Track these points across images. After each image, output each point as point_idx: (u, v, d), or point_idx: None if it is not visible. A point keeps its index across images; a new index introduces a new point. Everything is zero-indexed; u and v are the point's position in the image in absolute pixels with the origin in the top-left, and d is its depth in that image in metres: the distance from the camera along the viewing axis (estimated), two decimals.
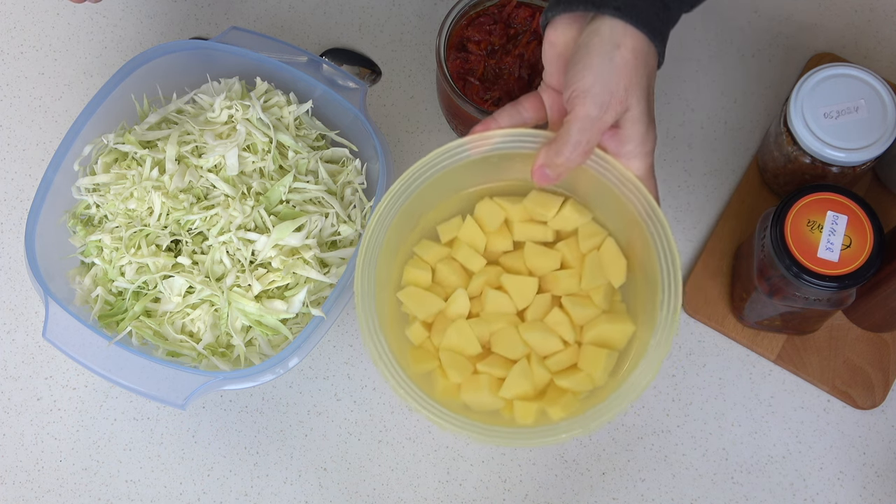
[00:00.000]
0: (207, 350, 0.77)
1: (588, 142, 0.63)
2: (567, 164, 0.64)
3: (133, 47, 0.96)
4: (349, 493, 0.82)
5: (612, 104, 0.62)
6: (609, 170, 0.67)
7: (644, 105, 0.63)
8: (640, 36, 0.62)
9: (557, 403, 0.68)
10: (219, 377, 0.74)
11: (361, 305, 0.67)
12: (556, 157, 0.64)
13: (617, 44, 0.61)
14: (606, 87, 0.62)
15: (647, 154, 0.65)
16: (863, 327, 0.83)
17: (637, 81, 0.62)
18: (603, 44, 0.61)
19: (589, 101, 0.62)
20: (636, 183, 0.66)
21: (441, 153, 0.69)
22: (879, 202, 0.85)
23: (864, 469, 0.81)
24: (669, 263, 0.66)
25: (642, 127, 0.64)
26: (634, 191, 0.66)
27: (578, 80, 0.62)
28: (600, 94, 0.62)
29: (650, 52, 0.63)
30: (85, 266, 0.81)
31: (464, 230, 0.73)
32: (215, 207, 0.78)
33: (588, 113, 0.62)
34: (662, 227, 0.66)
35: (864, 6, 0.93)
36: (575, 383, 0.68)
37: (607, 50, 0.61)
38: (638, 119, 0.63)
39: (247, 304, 0.76)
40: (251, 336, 0.78)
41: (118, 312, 0.79)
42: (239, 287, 0.77)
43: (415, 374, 0.68)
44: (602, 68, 0.62)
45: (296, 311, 0.77)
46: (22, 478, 0.84)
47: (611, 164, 0.67)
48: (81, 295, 0.79)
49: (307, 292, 0.77)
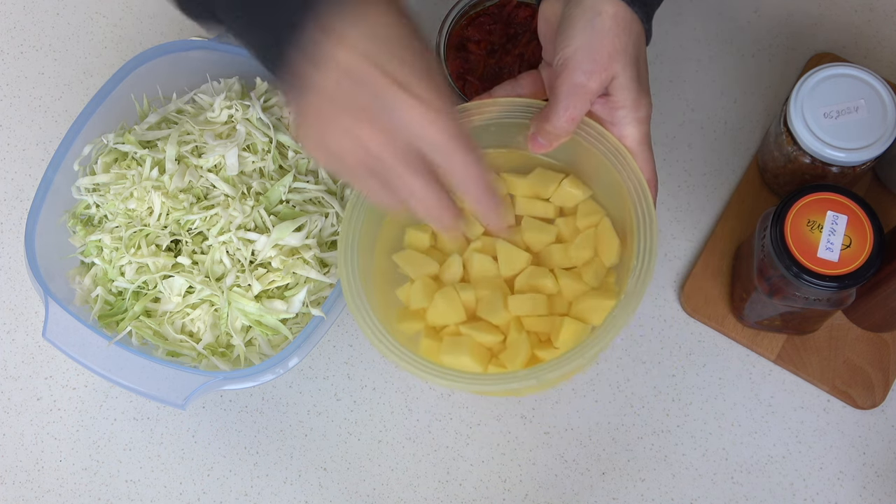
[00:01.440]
0: (207, 350, 0.77)
1: (575, 107, 0.64)
2: (556, 131, 0.65)
3: (133, 47, 0.96)
4: (349, 493, 0.82)
5: (595, 70, 0.63)
6: (602, 142, 0.67)
7: (632, 71, 0.63)
8: (620, 3, 0.62)
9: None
10: (219, 377, 0.74)
11: (343, 260, 0.69)
12: (545, 124, 0.65)
13: (598, 11, 0.62)
14: (588, 54, 0.62)
15: (641, 121, 0.66)
16: (863, 327, 0.83)
17: (621, 48, 0.62)
18: (584, 12, 0.62)
19: (572, 68, 0.63)
20: (626, 154, 0.67)
21: None
22: (879, 202, 0.85)
23: (864, 469, 0.81)
24: (647, 230, 0.66)
25: (632, 93, 0.64)
26: (624, 163, 0.67)
27: (562, 49, 0.63)
28: (583, 61, 0.62)
29: (632, 19, 0.63)
30: (85, 266, 0.81)
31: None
32: (215, 207, 0.78)
33: (573, 80, 0.63)
34: (645, 197, 0.66)
35: (864, 6, 0.93)
36: (549, 354, 0.70)
37: (588, 18, 0.62)
38: (626, 86, 0.64)
39: (247, 303, 0.76)
40: (251, 336, 0.78)
41: (118, 312, 0.79)
42: (239, 287, 0.77)
43: (400, 334, 0.70)
44: (583, 36, 0.62)
45: (296, 311, 0.77)
46: (22, 478, 0.84)
47: (604, 137, 0.67)
48: (81, 295, 0.80)
49: (307, 292, 0.77)
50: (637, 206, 0.67)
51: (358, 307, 0.69)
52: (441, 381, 0.67)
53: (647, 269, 0.66)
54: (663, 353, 0.84)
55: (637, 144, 0.66)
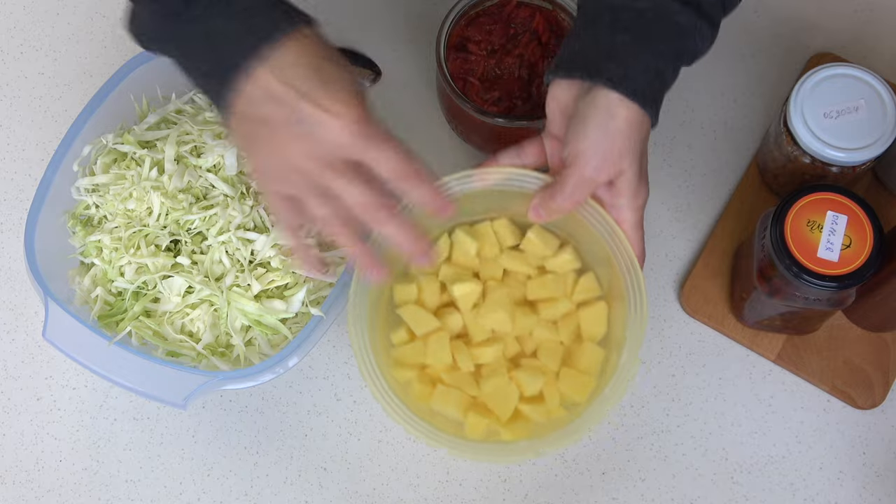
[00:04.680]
0: (207, 350, 0.77)
1: (581, 195, 0.70)
2: (559, 209, 0.71)
3: (133, 47, 0.95)
4: (349, 493, 0.82)
5: (605, 167, 0.68)
6: (602, 222, 0.73)
7: (636, 167, 0.69)
8: (634, 106, 0.66)
9: (511, 427, 0.74)
10: (219, 377, 0.74)
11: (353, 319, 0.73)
12: (550, 202, 0.71)
13: (612, 115, 0.66)
14: (601, 153, 0.67)
15: (637, 208, 0.71)
16: (863, 327, 0.83)
17: (631, 147, 0.68)
18: (598, 115, 0.67)
19: (585, 163, 0.68)
20: (624, 241, 0.72)
21: (449, 180, 0.74)
22: (879, 202, 0.85)
23: (864, 469, 0.81)
24: (639, 315, 0.72)
25: (634, 185, 0.70)
26: (618, 242, 0.73)
27: (577, 143, 0.68)
28: (595, 158, 0.68)
29: (643, 120, 0.68)
30: (85, 266, 0.81)
31: (456, 249, 0.79)
32: (214, 207, 0.78)
33: (583, 173, 0.68)
34: (637, 276, 0.72)
35: (864, 6, 0.93)
36: (535, 412, 0.74)
37: (603, 120, 0.67)
38: (630, 179, 0.69)
39: (246, 303, 0.76)
40: (251, 336, 0.78)
41: (118, 312, 0.79)
42: (238, 287, 0.77)
43: (393, 378, 0.74)
44: (598, 136, 0.67)
45: (295, 310, 0.77)
46: (22, 478, 0.84)
47: (604, 219, 0.73)
48: (81, 295, 0.80)
49: (307, 292, 0.77)
50: (628, 284, 0.73)
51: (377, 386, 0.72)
52: (457, 452, 0.71)
53: (631, 368, 0.71)
54: (663, 352, 0.84)
55: (631, 228, 0.72)
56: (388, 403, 0.71)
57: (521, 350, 0.77)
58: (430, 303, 0.78)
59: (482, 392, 0.76)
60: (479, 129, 0.84)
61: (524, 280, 0.78)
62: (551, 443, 0.71)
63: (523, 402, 0.75)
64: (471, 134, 0.86)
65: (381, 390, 0.71)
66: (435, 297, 0.78)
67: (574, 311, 0.78)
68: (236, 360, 0.78)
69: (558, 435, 0.71)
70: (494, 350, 0.76)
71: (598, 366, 0.76)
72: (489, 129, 0.82)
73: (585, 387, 0.75)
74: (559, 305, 0.77)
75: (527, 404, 0.75)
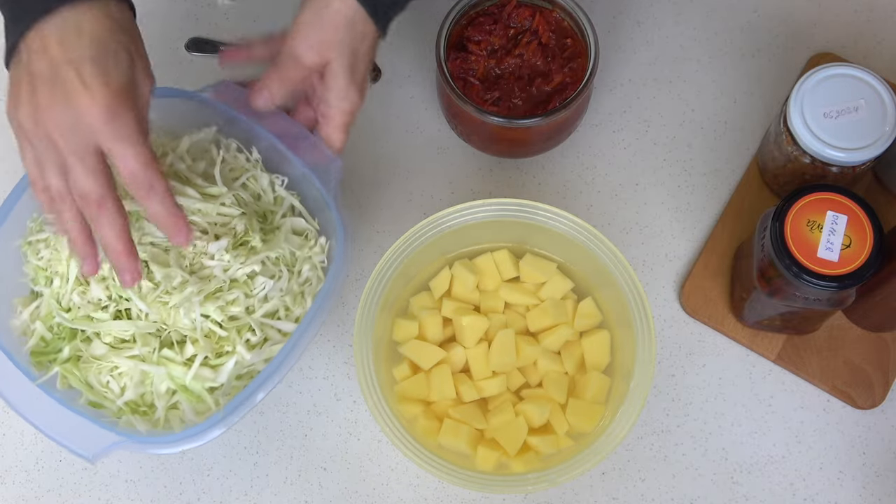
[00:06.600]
0: (128, 407, 0.74)
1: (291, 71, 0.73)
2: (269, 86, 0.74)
3: None
4: (349, 493, 0.82)
5: (311, 51, 0.71)
6: (602, 248, 0.77)
7: (346, 64, 0.72)
8: (351, 1, 0.70)
9: (520, 459, 0.76)
10: (132, 439, 0.71)
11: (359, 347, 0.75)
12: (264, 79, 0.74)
13: (327, 4, 0.70)
14: (311, 36, 0.71)
15: (345, 112, 0.74)
16: (863, 327, 0.83)
17: (340, 40, 0.71)
18: (315, 2, 0.71)
19: (292, 38, 0.72)
20: (626, 264, 0.75)
21: (426, 224, 0.77)
22: (879, 202, 0.85)
23: (864, 469, 0.81)
24: (646, 341, 0.75)
25: (342, 82, 0.72)
26: (625, 273, 0.76)
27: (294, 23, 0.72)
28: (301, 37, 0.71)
29: (361, 20, 0.71)
30: (33, 295, 0.78)
31: (456, 283, 0.80)
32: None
33: (290, 49, 0.72)
34: (645, 307, 0.75)
35: (864, 6, 0.93)
36: (543, 444, 0.76)
37: (317, 6, 0.71)
38: (337, 73, 0.72)
39: (174, 367, 0.73)
40: (176, 399, 0.74)
41: (52, 351, 0.75)
42: (169, 349, 0.74)
43: (399, 412, 0.76)
44: (309, 18, 0.71)
45: (222, 381, 0.74)
46: (22, 478, 0.84)
47: (603, 243, 0.76)
48: (20, 326, 0.76)
49: (235, 365, 0.74)
50: (633, 309, 0.76)
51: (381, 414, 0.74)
52: (463, 484, 0.73)
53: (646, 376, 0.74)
54: (663, 352, 0.84)
55: (335, 129, 0.74)
56: (404, 445, 0.73)
57: (525, 382, 0.78)
58: (433, 338, 0.79)
59: (490, 426, 0.76)
60: (479, 129, 0.84)
61: (524, 312, 0.80)
62: (565, 471, 0.72)
63: (532, 434, 0.76)
64: (471, 134, 0.86)
65: (394, 431, 0.74)
66: (437, 333, 0.79)
67: (577, 339, 0.79)
68: (157, 422, 0.74)
69: (573, 462, 0.72)
70: (498, 383, 0.77)
71: (605, 395, 0.77)
72: (489, 129, 0.82)
73: (594, 417, 0.76)
74: (561, 332, 0.78)
75: (535, 436, 0.76)
